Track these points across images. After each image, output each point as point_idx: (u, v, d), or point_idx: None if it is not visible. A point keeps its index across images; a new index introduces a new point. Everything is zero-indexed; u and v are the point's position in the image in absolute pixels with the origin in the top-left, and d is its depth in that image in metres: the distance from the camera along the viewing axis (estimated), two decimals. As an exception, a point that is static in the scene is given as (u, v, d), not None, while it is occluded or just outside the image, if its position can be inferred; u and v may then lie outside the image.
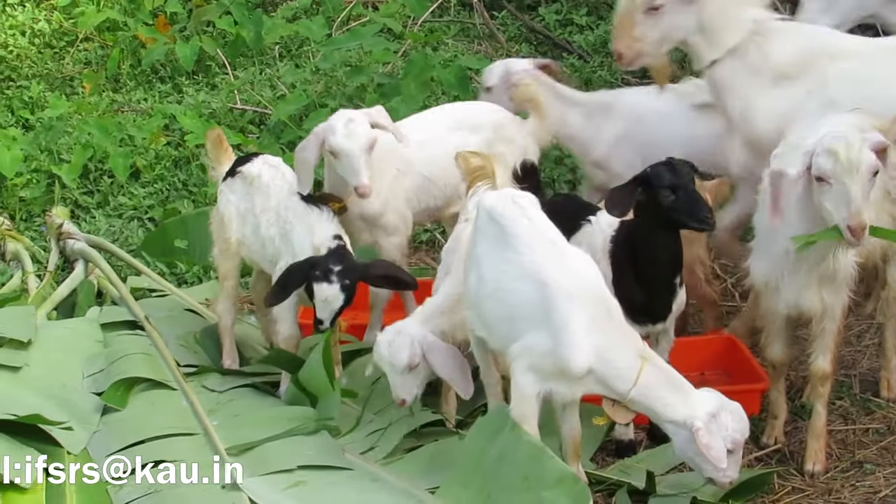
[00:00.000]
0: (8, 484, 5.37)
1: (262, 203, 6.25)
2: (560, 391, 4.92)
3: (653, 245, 5.25)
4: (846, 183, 4.62)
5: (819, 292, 5.09)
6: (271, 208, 6.20)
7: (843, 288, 5.15)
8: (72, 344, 6.64)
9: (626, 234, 5.55)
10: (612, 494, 5.47)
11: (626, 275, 5.52)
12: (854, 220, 4.59)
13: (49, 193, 8.56)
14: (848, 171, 4.60)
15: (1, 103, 9.88)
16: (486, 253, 5.14)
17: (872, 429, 5.87)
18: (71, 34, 11.35)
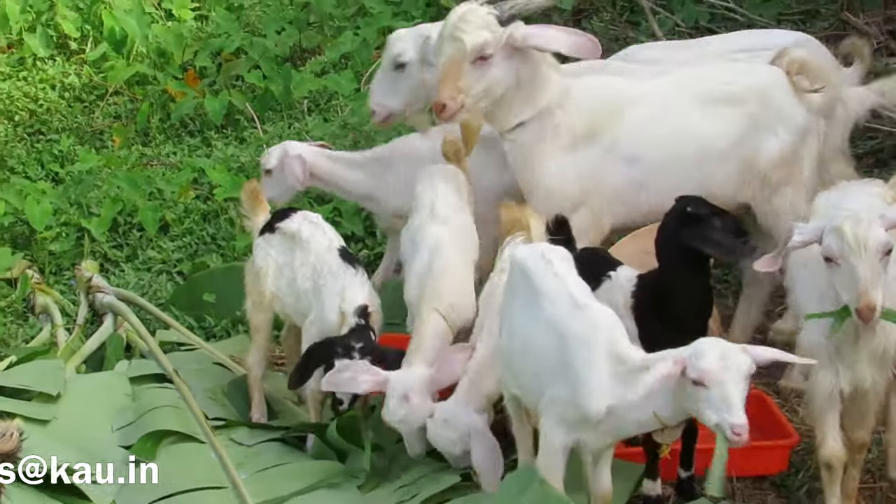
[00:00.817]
0: (36, 537, 5.42)
1: (302, 258, 6.32)
2: (588, 440, 4.92)
3: (676, 294, 5.23)
4: (853, 263, 4.56)
5: (869, 368, 4.96)
6: (309, 263, 6.26)
7: (889, 364, 5.03)
8: (100, 397, 6.66)
9: (651, 286, 5.52)
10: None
11: (653, 326, 5.47)
12: (862, 302, 4.53)
13: (78, 247, 8.60)
14: (854, 251, 4.54)
15: (31, 157, 9.93)
16: (516, 308, 5.16)
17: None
18: (101, 88, 11.42)
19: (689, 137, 6.40)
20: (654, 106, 6.44)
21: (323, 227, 6.42)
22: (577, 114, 6.31)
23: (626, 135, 6.35)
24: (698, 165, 6.38)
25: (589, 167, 6.33)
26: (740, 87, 6.51)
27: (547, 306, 4.98)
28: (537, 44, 6.11)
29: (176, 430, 6.30)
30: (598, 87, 6.55)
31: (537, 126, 6.27)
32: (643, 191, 6.36)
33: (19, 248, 8.27)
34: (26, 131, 10.57)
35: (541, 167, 6.31)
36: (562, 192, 6.28)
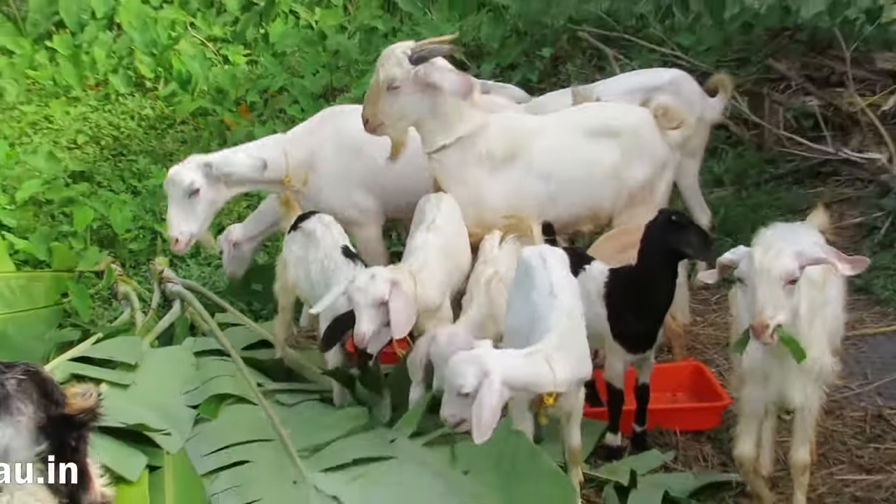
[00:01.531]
0: (119, 478, 5.45)
1: (314, 253, 6.33)
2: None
3: (654, 287, 5.24)
4: (755, 285, 4.46)
5: (798, 387, 4.81)
6: (319, 259, 6.29)
7: (820, 385, 4.86)
8: (170, 367, 6.68)
9: (624, 279, 5.58)
10: (601, 489, 5.50)
11: (626, 313, 5.54)
12: (756, 320, 4.42)
13: (152, 246, 8.64)
14: (759, 275, 4.44)
15: (114, 174, 9.95)
16: (518, 294, 5.30)
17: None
18: (170, 118, 11.44)
19: (582, 162, 6.51)
20: (555, 136, 6.55)
21: (333, 228, 6.46)
22: (497, 142, 6.39)
23: (537, 158, 6.44)
24: (588, 184, 6.51)
25: (513, 185, 6.40)
26: (618, 123, 6.62)
27: (534, 294, 5.10)
28: (433, 80, 6.15)
29: (233, 394, 6.36)
30: (511, 120, 6.68)
31: (460, 151, 6.33)
32: (554, 203, 6.42)
33: (105, 247, 8.30)
34: (111, 153, 10.60)
35: (474, 186, 6.37)
36: (491, 206, 6.34)
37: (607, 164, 6.50)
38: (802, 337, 4.62)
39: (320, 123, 7.13)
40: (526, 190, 6.41)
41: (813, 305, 4.72)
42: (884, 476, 5.52)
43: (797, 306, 4.59)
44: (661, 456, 5.77)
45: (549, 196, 6.43)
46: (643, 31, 11.60)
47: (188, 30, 13.22)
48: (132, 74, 12.35)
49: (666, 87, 7.45)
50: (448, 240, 6.07)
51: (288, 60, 12.46)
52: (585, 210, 6.47)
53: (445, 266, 5.96)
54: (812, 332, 4.71)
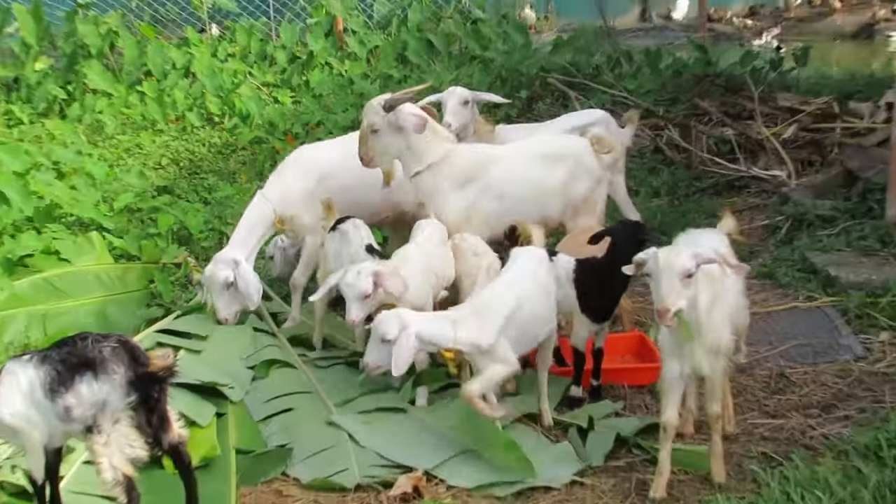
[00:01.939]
0: (192, 422, 5.43)
1: (346, 249, 6.32)
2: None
3: (618, 274, 5.11)
4: (658, 279, 4.48)
5: (705, 359, 4.75)
6: (350, 253, 6.25)
7: (723, 357, 4.82)
8: (233, 339, 6.68)
9: (592, 268, 5.63)
10: (567, 431, 5.50)
11: (593, 293, 5.61)
12: (659, 307, 4.45)
13: (220, 244, 8.57)
14: (661, 270, 4.46)
15: (190, 188, 9.92)
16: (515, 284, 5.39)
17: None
18: (233, 145, 11.40)
19: (535, 182, 6.55)
20: (511, 163, 6.58)
21: (361, 229, 6.43)
22: (459, 168, 6.44)
23: (494, 181, 6.48)
24: (540, 200, 6.55)
25: (470, 202, 6.45)
26: (564, 150, 6.68)
27: (517, 284, 5.34)
28: (400, 123, 6.28)
29: (281, 360, 6.41)
30: (473, 151, 6.70)
31: (431, 175, 6.41)
32: (506, 215, 6.37)
33: (182, 245, 8.26)
34: (187, 172, 10.58)
35: (443, 201, 6.42)
36: (456, 216, 6.41)
37: (556, 184, 6.56)
38: (703, 321, 4.65)
39: (283, 167, 7.31)
40: (480, 207, 6.48)
41: (713, 296, 4.70)
42: (785, 420, 5.52)
43: (697, 297, 4.58)
44: (613, 405, 5.79)
45: (500, 212, 6.45)
46: (598, 78, 11.59)
47: (247, 77, 13.21)
48: (203, 112, 12.34)
49: (596, 123, 7.65)
50: (429, 252, 6.03)
51: (324, 101, 12.46)
52: (536, 220, 6.36)
53: (423, 270, 5.89)
54: (711, 317, 4.69)
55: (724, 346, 4.82)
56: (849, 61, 15.60)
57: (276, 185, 7.12)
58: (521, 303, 5.27)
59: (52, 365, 4.37)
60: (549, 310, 5.53)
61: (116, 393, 4.35)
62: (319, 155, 7.26)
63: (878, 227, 7.60)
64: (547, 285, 5.51)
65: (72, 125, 12.04)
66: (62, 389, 4.33)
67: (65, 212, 8.49)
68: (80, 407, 4.34)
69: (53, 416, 4.39)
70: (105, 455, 4.39)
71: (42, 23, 13.51)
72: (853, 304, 6.70)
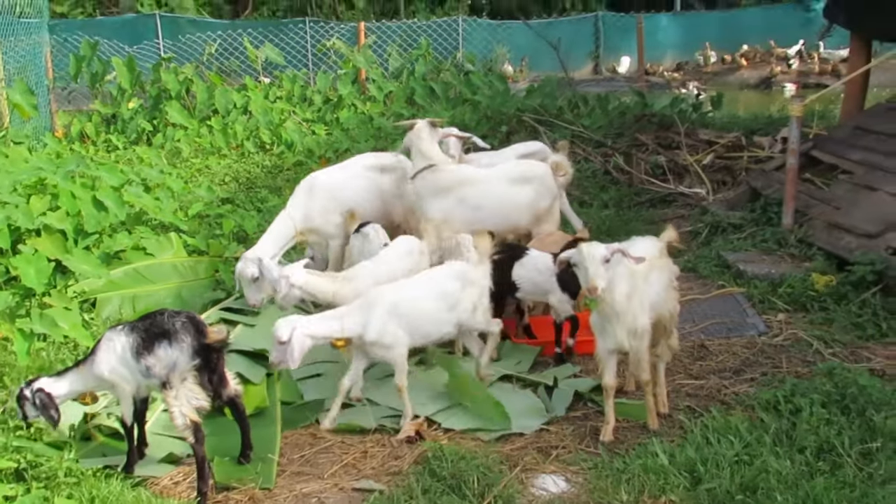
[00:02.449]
0: (247, 381, 5.38)
1: (367, 248, 6.18)
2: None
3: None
4: (585, 266, 4.45)
5: (626, 338, 4.70)
6: (370, 251, 6.11)
7: (642, 336, 4.73)
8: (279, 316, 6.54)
9: (566, 270, 5.29)
10: (536, 388, 5.45)
11: (568, 283, 5.42)
12: (589, 286, 4.41)
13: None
14: (586, 259, 4.44)
15: (246, 199, 9.84)
16: None
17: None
18: (280, 167, 11.33)
19: (506, 199, 6.44)
20: (487, 182, 6.49)
21: (380, 232, 6.32)
22: (441, 180, 6.41)
23: (470, 195, 6.39)
24: (509, 213, 6.43)
25: (446, 209, 6.37)
26: (530, 174, 6.55)
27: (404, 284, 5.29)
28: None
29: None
30: (455, 169, 6.59)
31: (421, 180, 6.46)
32: (481, 223, 6.23)
33: (241, 243, 8.16)
34: (244, 187, 10.52)
35: (425, 204, 6.46)
36: (432, 218, 6.32)
37: (526, 201, 6.45)
38: (621, 308, 4.62)
39: (300, 192, 6.92)
40: (455, 214, 6.35)
41: (632, 287, 4.65)
42: (705, 381, 5.49)
43: (615, 287, 4.56)
44: (573, 368, 5.72)
45: (477, 220, 6.29)
46: (560, 116, 11.54)
47: (291, 115, 13.16)
48: (257, 141, 12.30)
49: (538, 151, 7.58)
50: (388, 263, 5.75)
51: (350, 133, 12.40)
52: (507, 228, 6.40)
53: (379, 279, 5.53)
54: (630, 304, 4.65)
55: (641, 328, 4.73)
56: (753, 106, 15.63)
57: (297, 206, 6.81)
58: (403, 301, 5.05)
59: (139, 333, 4.39)
60: (439, 311, 5.17)
61: (184, 357, 4.32)
62: (328, 178, 6.98)
63: (776, 232, 7.62)
64: (442, 291, 5.19)
65: (156, 151, 11.98)
66: (145, 353, 4.34)
67: (150, 217, 8.42)
68: (158, 366, 4.33)
69: (138, 373, 4.40)
70: (176, 405, 4.37)
71: (134, 72, 13.54)
72: (757, 291, 6.71)
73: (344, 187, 6.83)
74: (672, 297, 5.08)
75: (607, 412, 4.86)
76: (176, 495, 4.52)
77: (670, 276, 5.08)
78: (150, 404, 4.97)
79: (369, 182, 6.90)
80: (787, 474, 4.18)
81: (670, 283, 5.07)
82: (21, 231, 7.08)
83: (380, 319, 4.98)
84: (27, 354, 5.84)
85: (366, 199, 6.80)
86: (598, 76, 21.27)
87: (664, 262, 5.02)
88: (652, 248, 4.98)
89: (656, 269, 4.90)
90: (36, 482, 4.31)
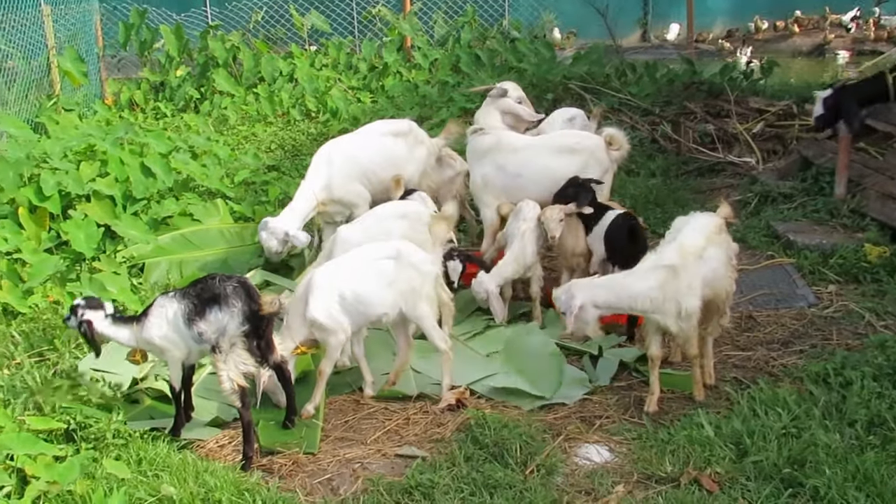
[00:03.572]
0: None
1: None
2: None
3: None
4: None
5: (674, 321, 4.64)
6: None
7: (690, 320, 4.66)
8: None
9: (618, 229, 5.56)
10: (581, 357, 5.42)
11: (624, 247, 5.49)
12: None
13: (314, 210, 8.57)
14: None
15: (292, 166, 9.81)
16: None
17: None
18: (325, 134, 11.12)
19: (548, 169, 6.25)
20: (529, 150, 6.40)
21: (427, 200, 6.27)
22: (483, 143, 6.43)
23: (510, 162, 6.32)
24: (550, 184, 6.17)
25: (488, 174, 6.38)
26: (580, 145, 6.36)
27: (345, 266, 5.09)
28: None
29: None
30: (501, 135, 6.53)
31: (471, 142, 6.56)
32: (521, 191, 6.25)
33: (285, 209, 8.22)
34: (290, 154, 10.52)
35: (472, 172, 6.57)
36: (473, 180, 6.50)
37: (569, 173, 6.20)
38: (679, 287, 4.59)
39: (319, 163, 6.76)
40: (495, 180, 6.34)
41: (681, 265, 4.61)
42: (752, 352, 5.43)
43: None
44: (618, 338, 5.64)
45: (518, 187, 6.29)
46: (607, 84, 11.35)
47: (337, 82, 13.12)
48: (303, 108, 12.29)
49: (576, 116, 7.44)
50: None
51: (395, 101, 12.32)
52: (549, 198, 6.18)
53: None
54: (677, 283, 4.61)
55: (689, 310, 4.64)
56: (805, 73, 15.27)
57: (317, 177, 6.65)
58: (345, 284, 4.88)
59: (190, 300, 4.41)
60: (379, 295, 4.93)
61: (234, 322, 4.34)
62: (345, 147, 6.85)
63: (828, 202, 7.49)
64: (385, 273, 4.93)
65: (203, 118, 12.04)
66: (197, 319, 4.36)
67: (197, 184, 8.48)
68: (209, 331, 4.35)
69: (190, 339, 4.43)
70: (224, 370, 4.39)
71: (182, 40, 13.58)
72: (807, 262, 6.60)
73: (360, 155, 6.73)
74: (729, 276, 4.93)
75: (652, 382, 4.81)
76: (221, 458, 4.57)
77: (728, 253, 4.94)
78: (197, 369, 5.02)
79: (384, 148, 6.80)
80: (837, 448, 4.10)
81: (728, 260, 4.92)
82: (71, 196, 7.18)
83: (322, 303, 4.91)
84: (77, 318, 5.93)
85: (380, 166, 6.71)
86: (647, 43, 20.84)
87: (722, 239, 4.89)
88: (709, 224, 4.87)
89: (713, 246, 4.79)
90: (85, 443, 4.38)
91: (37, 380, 4.94)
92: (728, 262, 4.91)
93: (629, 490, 4.07)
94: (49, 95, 11.43)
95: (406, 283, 4.92)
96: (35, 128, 10.09)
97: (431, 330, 5.01)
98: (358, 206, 6.67)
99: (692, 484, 4.03)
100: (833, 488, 3.83)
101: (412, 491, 4.08)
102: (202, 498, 3.98)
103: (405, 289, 4.92)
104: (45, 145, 7.72)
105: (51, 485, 3.93)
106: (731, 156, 9.31)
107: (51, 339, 5.72)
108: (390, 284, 4.91)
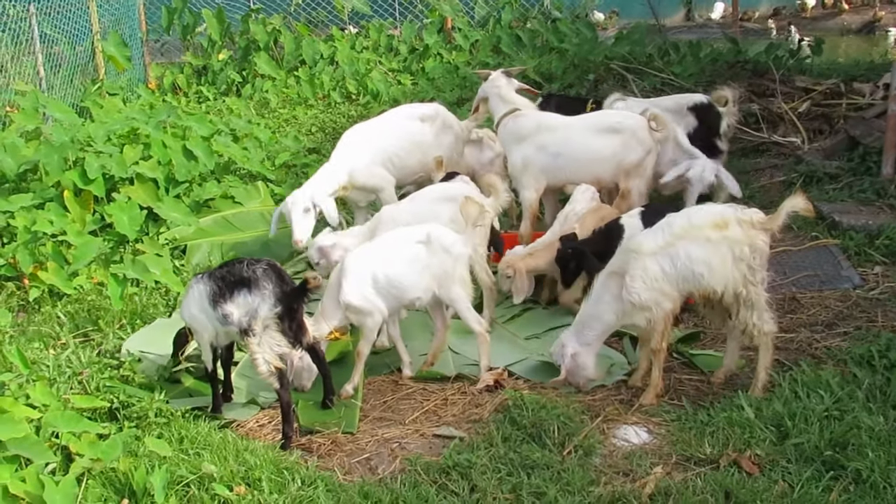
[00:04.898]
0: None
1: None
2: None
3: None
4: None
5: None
6: None
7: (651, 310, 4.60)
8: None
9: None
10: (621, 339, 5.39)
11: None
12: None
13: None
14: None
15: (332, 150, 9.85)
16: None
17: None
18: (366, 117, 11.06)
19: (588, 149, 6.23)
20: (568, 129, 6.33)
21: (469, 183, 6.25)
22: (521, 125, 6.39)
23: (550, 142, 6.27)
24: (592, 163, 6.21)
25: (528, 156, 6.30)
26: (621, 125, 6.28)
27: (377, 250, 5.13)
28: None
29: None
30: (538, 115, 6.56)
31: (503, 127, 6.54)
32: (561, 171, 6.26)
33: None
34: (331, 137, 10.49)
35: (506, 149, 6.60)
36: (512, 163, 6.47)
37: (607, 153, 6.19)
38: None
39: (343, 149, 6.70)
40: (535, 161, 6.27)
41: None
42: (795, 334, 5.38)
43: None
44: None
45: (557, 167, 6.27)
46: (650, 64, 11.21)
47: (377, 65, 13.12)
48: (344, 91, 12.30)
49: (694, 99, 7.62)
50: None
51: (436, 82, 12.28)
52: (588, 179, 6.23)
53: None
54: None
55: (642, 304, 4.59)
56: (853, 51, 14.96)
57: (342, 161, 6.58)
58: (378, 268, 4.88)
59: (215, 281, 4.47)
60: (412, 279, 4.93)
61: (266, 304, 4.38)
62: (370, 131, 6.81)
63: (875, 182, 7.36)
64: (417, 258, 4.93)
65: (245, 101, 12.12)
66: (222, 300, 4.40)
67: (238, 166, 8.56)
68: (236, 314, 4.39)
69: (215, 320, 4.49)
70: (259, 353, 4.44)
71: (224, 23, 13.66)
72: (853, 243, 6.49)
73: (384, 139, 6.68)
74: (738, 272, 4.51)
75: (654, 375, 4.73)
76: (261, 437, 4.63)
77: (736, 250, 4.49)
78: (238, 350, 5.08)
79: (409, 133, 6.76)
80: (880, 431, 4.04)
81: (737, 257, 4.49)
82: (115, 179, 7.27)
83: (355, 286, 4.92)
84: (120, 299, 6.03)
85: (405, 150, 6.68)
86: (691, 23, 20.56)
87: (722, 236, 4.51)
88: (692, 221, 4.58)
89: (689, 241, 4.54)
90: (128, 421, 4.47)
91: (81, 360, 5.04)
92: (736, 259, 4.49)
93: (668, 471, 4.05)
94: (94, 80, 11.57)
95: (439, 266, 4.92)
96: (80, 112, 10.21)
97: (466, 311, 5.01)
98: (383, 190, 6.63)
99: (731, 466, 4.00)
100: (876, 471, 3.78)
101: (450, 471, 4.10)
102: (242, 476, 4.04)
103: (438, 272, 4.93)
104: (90, 129, 7.82)
105: (94, 462, 4.01)
106: (776, 135, 9.17)
107: (95, 320, 5.83)
108: (424, 269, 4.92)
